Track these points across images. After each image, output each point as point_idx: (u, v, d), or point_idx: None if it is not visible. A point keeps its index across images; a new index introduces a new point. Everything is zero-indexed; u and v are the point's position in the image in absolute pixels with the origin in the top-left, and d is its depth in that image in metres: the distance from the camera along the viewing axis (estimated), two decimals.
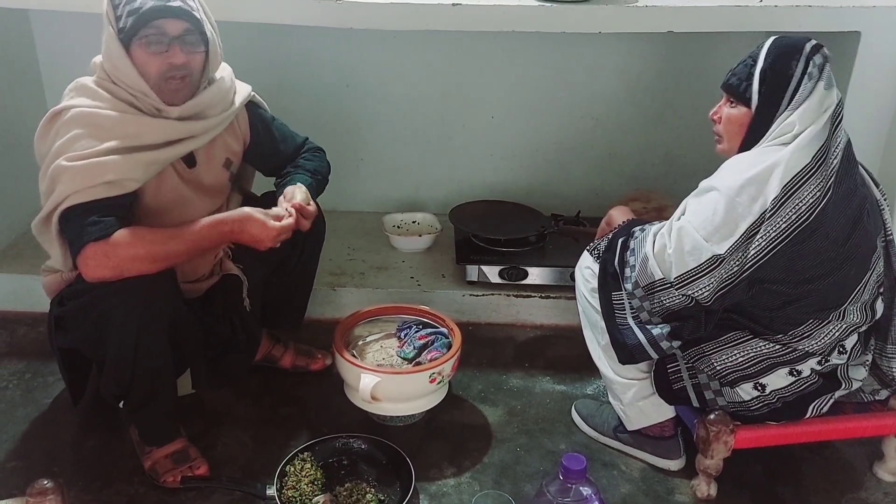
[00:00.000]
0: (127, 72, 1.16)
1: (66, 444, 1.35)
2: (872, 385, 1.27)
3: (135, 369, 1.16)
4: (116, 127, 1.16)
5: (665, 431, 1.32)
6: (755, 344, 1.17)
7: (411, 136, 2.07)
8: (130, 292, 1.11)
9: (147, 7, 1.13)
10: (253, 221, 1.20)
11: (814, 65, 1.10)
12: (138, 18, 1.13)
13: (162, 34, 1.15)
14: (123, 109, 1.17)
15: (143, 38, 1.15)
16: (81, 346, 1.24)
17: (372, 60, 1.97)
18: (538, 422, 1.46)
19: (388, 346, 1.45)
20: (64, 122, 1.15)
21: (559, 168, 2.10)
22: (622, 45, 1.95)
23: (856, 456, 1.38)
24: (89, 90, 1.19)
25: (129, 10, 1.14)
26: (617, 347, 1.23)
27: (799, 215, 1.07)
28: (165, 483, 1.24)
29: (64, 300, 1.22)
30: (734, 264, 1.09)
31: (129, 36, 1.15)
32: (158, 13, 1.14)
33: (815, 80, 1.10)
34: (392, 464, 1.28)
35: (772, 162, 1.08)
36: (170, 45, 1.16)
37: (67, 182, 1.11)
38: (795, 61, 1.10)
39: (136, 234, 1.13)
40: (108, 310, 1.13)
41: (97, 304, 1.14)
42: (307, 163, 1.42)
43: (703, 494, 1.26)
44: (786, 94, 1.10)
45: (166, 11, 1.14)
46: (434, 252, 1.94)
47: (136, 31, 1.14)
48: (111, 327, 1.13)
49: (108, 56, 1.18)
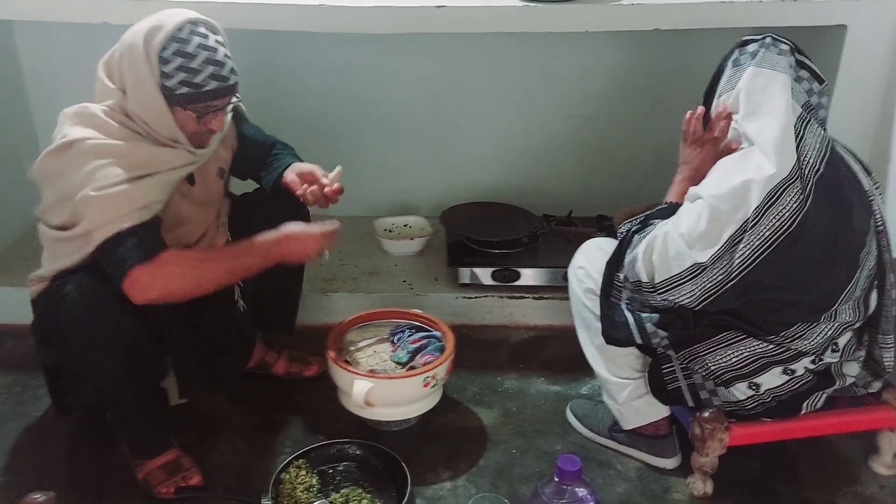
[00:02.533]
0: (165, 123, 1.16)
1: (57, 458, 1.34)
2: (865, 378, 1.27)
3: (97, 382, 1.15)
4: (134, 155, 1.14)
5: (660, 430, 1.32)
6: (749, 344, 1.17)
7: (401, 139, 2.07)
8: (72, 306, 1.10)
9: (209, 88, 1.12)
10: (296, 239, 1.20)
11: (743, 52, 1.11)
12: (196, 94, 1.13)
13: (213, 108, 1.17)
14: (136, 140, 1.16)
15: (194, 110, 1.15)
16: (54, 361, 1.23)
17: (360, 64, 1.96)
18: (533, 423, 1.45)
19: (382, 350, 1.44)
20: (79, 154, 1.11)
21: (550, 168, 2.09)
22: (610, 43, 1.95)
23: (851, 450, 1.38)
24: (98, 121, 1.14)
25: (186, 80, 1.11)
26: (604, 323, 1.22)
27: (782, 222, 1.06)
28: (159, 494, 1.23)
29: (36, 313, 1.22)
30: (719, 273, 1.09)
31: (178, 101, 1.13)
32: (218, 95, 1.15)
33: (744, 67, 1.11)
34: (388, 469, 1.28)
35: (751, 167, 1.07)
36: (216, 115, 1.18)
37: (99, 212, 1.10)
38: (731, 52, 1.13)
39: (183, 255, 1.16)
40: (58, 322, 1.12)
41: (50, 317, 1.14)
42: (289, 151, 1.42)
43: (700, 492, 1.26)
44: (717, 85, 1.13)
45: (225, 91, 1.15)
46: (426, 255, 1.93)
47: (190, 103, 1.14)
48: (66, 339, 1.13)
49: (141, 101, 1.14)
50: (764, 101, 1.09)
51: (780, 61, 1.10)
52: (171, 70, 1.11)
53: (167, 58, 1.11)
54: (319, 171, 1.32)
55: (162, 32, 1.11)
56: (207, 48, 1.12)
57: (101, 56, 1.15)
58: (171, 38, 1.11)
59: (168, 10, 1.15)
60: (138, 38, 1.12)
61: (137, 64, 1.12)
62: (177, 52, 1.11)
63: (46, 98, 1.96)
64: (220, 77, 1.14)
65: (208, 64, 1.12)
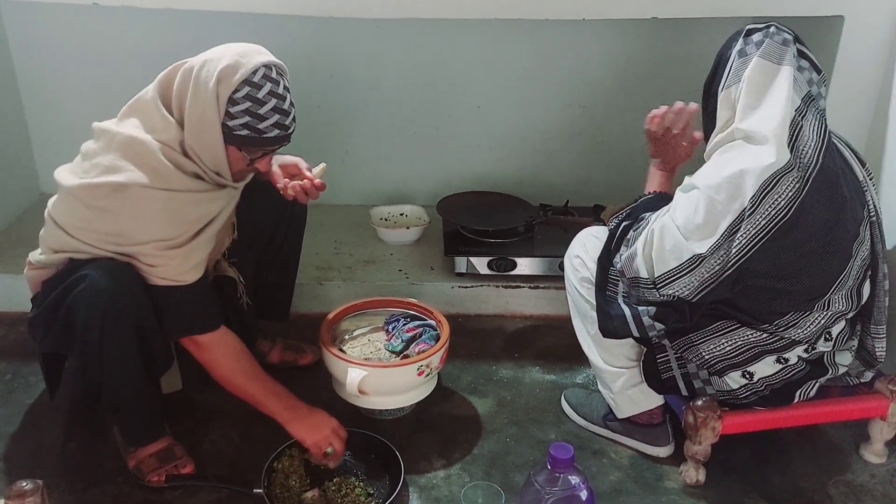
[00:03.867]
0: (217, 159, 1.14)
1: (48, 446, 1.33)
2: (858, 367, 1.27)
3: (103, 367, 1.14)
4: (189, 210, 1.14)
5: (654, 419, 1.32)
6: (742, 333, 1.17)
7: (397, 127, 2.05)
8: (94, 288, 1.09)
9: (270, 135, 1.12)
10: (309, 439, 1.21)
11: (749, 42, 1.10)
12: (257, 140, 1.12)
13: (267, 153, 1.17)
14: (190, 186, 1.14)
15: (247, 152, 1.14)
16: (55, 346, 1.21)
17: (356, 50, 1.94)
18: (528, 412, 1.46)
19: (376, 339, 1.44)
20: (137, 201, 1.09)
21: (547, 157, 2.09)
22: (608, 32, 1.94)
23: (842, 439, 1.39)
24: (154, 163, 1.10)
25: (250, 124, 1.10)
26: (601, 316, 1.22)
27: (778, 210, 1.06)
28: (150, 482, 1.22)
29: (39, 298, 1.20)
30: (716, 262, 1.08)
31: (236, 141, 1.12)
32: (276, 142, 1.14)
33: (751, 56, 1.09)
34: (381, 457, 1.28)
35: (747, 151, 1.07)
36: (266, 157, 1.18)
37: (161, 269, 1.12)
38: (735, 41, 1.11)
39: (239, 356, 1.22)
40: (72, 306, 1.11)
41: (63, 302, 1.12)
42: None
43: (692, 480, 1.27)
44: (722, 74, 1.11)
45: (283, 140, 1.15)
46: (422, 244, 1.92)
47: (248, 145, 1.13)
48: (76, 324, 1.11)
49: (199, 137, 1.12)
50: (767, 94, 1.08)
51: (785, 52, 1.09)
52: (238, 112, 1.09)
53: (237, 100, 1.09)
54: (303, 164, 1.30)
55: (238, 74, 1.08)
56: (277, 96, 1.11)
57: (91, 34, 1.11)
58: (246, 80, 1.09)
59: (242, 48, 1.12)
60: (210, 75, 1.08)
61: (205, 101, 1.09)
62: (247, 97, 1.09)
63: (36, 81, 1.93)
64: (283, 126, 1.13)
65: (275, 113, 1.11)
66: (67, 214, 1.15)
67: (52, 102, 1.95)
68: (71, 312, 1.11)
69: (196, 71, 1.10)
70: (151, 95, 1.14)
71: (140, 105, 1.15)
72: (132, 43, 1.87)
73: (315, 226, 1.47)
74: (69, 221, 1.15)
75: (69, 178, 1.14)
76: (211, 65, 1.09)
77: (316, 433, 1.21)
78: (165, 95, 1.14)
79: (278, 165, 1.30)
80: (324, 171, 1.29)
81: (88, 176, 1.11)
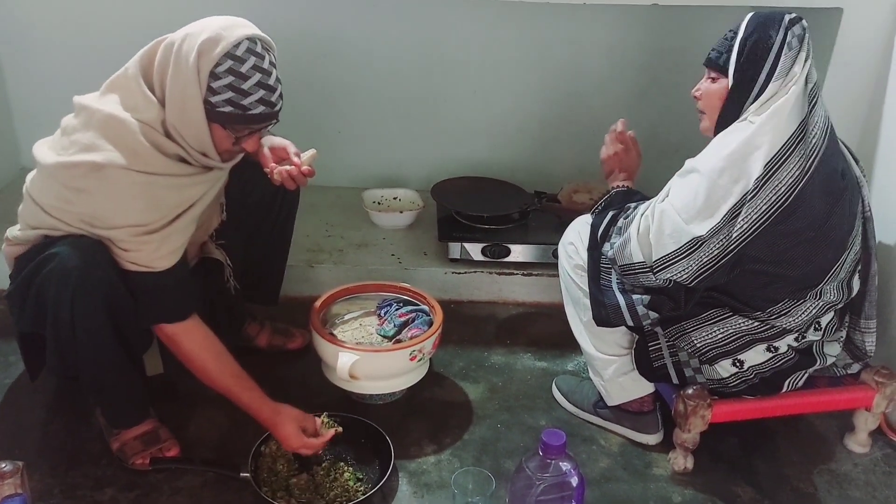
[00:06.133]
0: (200, 138, 1.10)
1: (29, 427, 1.30)
2: (845, 359, 1.29)
3: (77, 348, 1.11)
4: (169, 194, 1.10)
5: (644, 406, 1.33)
6: (735, 321, 1.18)
7: (392, 109, 2.02)
8: (63, 267, 1.05)
9: (255, 112, 1.07)
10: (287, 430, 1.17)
11: (793, 35, 1.08)
12: (242, 117, 1.08)
13: (252, 131, 1.12)
14: (171, 169, 1.09)
15: (232, 130, 1.10)
16: (30, 325, 1.17)
17: (350, 30, 1.90)
18: (519, 398, 1.46)
19: (368, 323, 1.42)
20: (113, 183, 1.05)
21: (542, 144, 2.07)
22: (607, 18, 1.92)
23: (828, 428, 1.41)
24: (132, 144, 1.06)
25: (233, 100, 1.05)
26: (595, 305, 1.23)
27: (779, 196, 1.06)
28: (134, 465, 1.20)
29: (13, 275, 1.17)
30: (715, 246, 1.09)
31: (219, 119, 1.08)
32: (261, 119, 1.09)
33: (797, 51, 1.08)
34: (371, 442, 1.27)
35: (750, 133, 1.07)
36: (252, 136, 1.13)
37: (134, 253, 1.09)
38: (775, 31, 1.09)
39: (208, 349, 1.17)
40: (42, 285, 1.08)
41: (34, 280, 1.09)
42: None
43: (680, 468, 1.28)
44: (765, 64, 1.08)
45: (269, 117, 1.10)
46: (416, 229, 1.91)
47: (232, 123, 1.09)
48: (47, 302, 1.08)
49: (182, 115, 1.07)
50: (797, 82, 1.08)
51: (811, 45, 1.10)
52: (220, 87, 1.05)
53: (219, 74, 1.04)
54: (292, 147, 1.26)
55: (219, 47, 1.03)
56: (261, 71, 1.06)
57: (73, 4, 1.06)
58: (227, 54, 1.04)
59: (224, 21, 1.07)
60: (191, 49, 1.03)
61: (186, 77, 1.04)
62: (229, 71, 1.04)
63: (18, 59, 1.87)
64: (268, 103, 1.08)
65: (260, 88, 1.06)
66: (44, 192, 1.12)
67: (34, 74, 1.89)
68: (42, 291, 1.08)
69: (177, 46, 1.06)
70: (133, 72, 1.10)
71: (121, 81, 1.11)
72: (116, 15, 1.82)
73: (306, 207, 1.45)
74: (46, 200, 1.11)
75: (48, 154, 1.10)
76: (192, 39, 1.05)
77: (293, 446, 1.17)
78: (147, 72, 1.10)
79: (268, 147, 1.26)
80: (313, 158, 1.24)
81: (66, 153, 1.07)
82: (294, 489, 1.16)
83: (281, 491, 1.16)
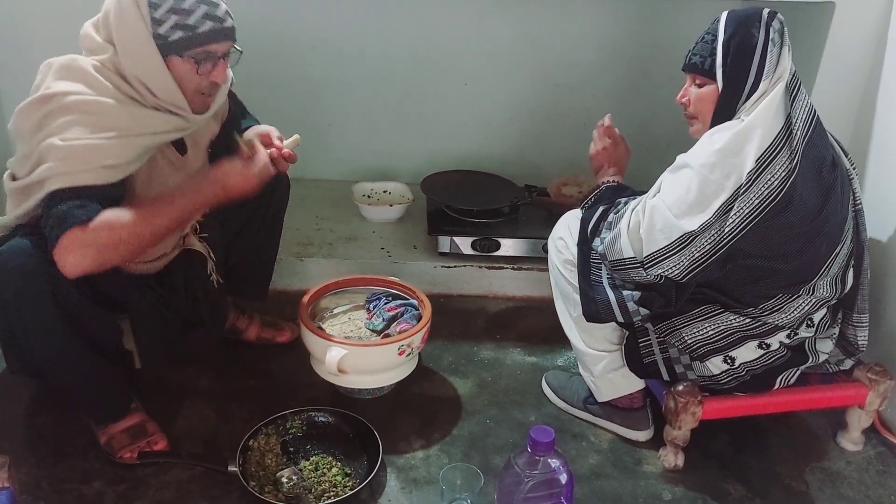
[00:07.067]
0: (163, 82, 1.07)
1: (15, 420, 1.29)
2: (837, 356, 1.28)
3: (35, 347, 1.08)
4: (119, 115, 1.06)
5: (634, 403, 1.32)
6: (726, 317, 1.17)
7: (382, 102, 2.00)
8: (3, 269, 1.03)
9: (204, 29, 1.06)
10: (231, 176, 1.10)
11: (774, 30, 1.09)
12: (192, 38, 1.05)
13: (212, 55, 1.09)
14: (123, 101, 1.07)
15: (192, 57, 1.07)
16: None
17: (341, 22, 1.88)
18: (508, 394, 1.45)
19: (357, 317, 1.41)
20: (58, 108, 1.03)
21: (533, 138, 2.06)
22: (597, 11, 1.90)
23: (820, 426, 1.40)
24: (88, 78, 1.05)
25: (179, 22, 1.04)
26: (585, 301, 1.22)
27: (771, 190, 1.06)
28: (122, 459, 1.19)
29: None
30: (707, 242, 1.08)
31: (173, 48, 1.06)
32: (215, 37, 1.07)
33: (780, 45, 1.09)
34: (359, 437, 1.26)
35: (741, 128, 1.06)
36: (216, 65, 1.09)
37: (60, 161, 1.01)
38: (756, 29, 1.09)
39: (117, 216, 1.02)
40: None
41: None
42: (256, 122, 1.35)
43: (671, 465, 1.27)
44: (752, 63, 1.08)
45: (222, 34, 1.08)
46: (405, 222, 1.89)
47: (186, 49, 1.06)
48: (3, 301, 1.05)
49: (135, 56, 1.06)
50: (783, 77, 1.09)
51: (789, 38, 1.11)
52: (162, 14, 1.04)
53: (157, 2, 1.04)
54: (275, 132, 1.25)
55: None
56: None
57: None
58: None
59: None
60: None
61: (126, 13, 1.04)
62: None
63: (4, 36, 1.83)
64: (215, 17, 1.07)
65: (201, 3, 1.06)
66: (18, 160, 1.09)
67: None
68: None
69: None
70: (84, 31, 1.10)
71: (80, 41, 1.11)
72: None
73: (296, 200, 1.43)
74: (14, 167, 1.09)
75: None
76: None
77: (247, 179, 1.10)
78: (97, 26, 1.10)
79: (255, 134, 1.24)
80: (296, 143, 1.23)
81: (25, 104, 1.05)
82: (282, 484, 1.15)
83: (269, 485, 1.15)
